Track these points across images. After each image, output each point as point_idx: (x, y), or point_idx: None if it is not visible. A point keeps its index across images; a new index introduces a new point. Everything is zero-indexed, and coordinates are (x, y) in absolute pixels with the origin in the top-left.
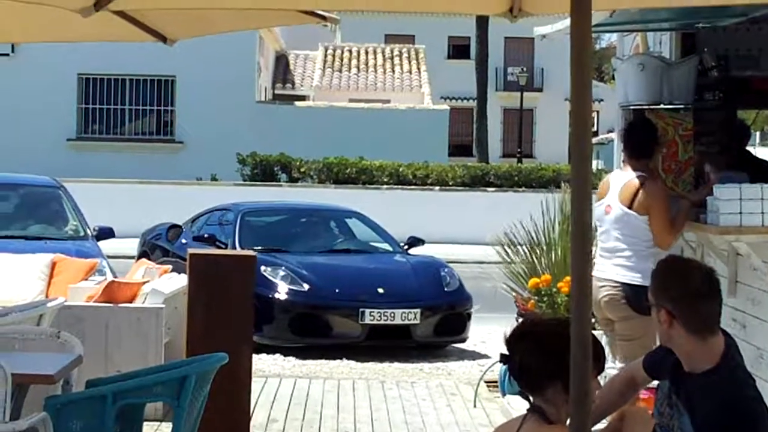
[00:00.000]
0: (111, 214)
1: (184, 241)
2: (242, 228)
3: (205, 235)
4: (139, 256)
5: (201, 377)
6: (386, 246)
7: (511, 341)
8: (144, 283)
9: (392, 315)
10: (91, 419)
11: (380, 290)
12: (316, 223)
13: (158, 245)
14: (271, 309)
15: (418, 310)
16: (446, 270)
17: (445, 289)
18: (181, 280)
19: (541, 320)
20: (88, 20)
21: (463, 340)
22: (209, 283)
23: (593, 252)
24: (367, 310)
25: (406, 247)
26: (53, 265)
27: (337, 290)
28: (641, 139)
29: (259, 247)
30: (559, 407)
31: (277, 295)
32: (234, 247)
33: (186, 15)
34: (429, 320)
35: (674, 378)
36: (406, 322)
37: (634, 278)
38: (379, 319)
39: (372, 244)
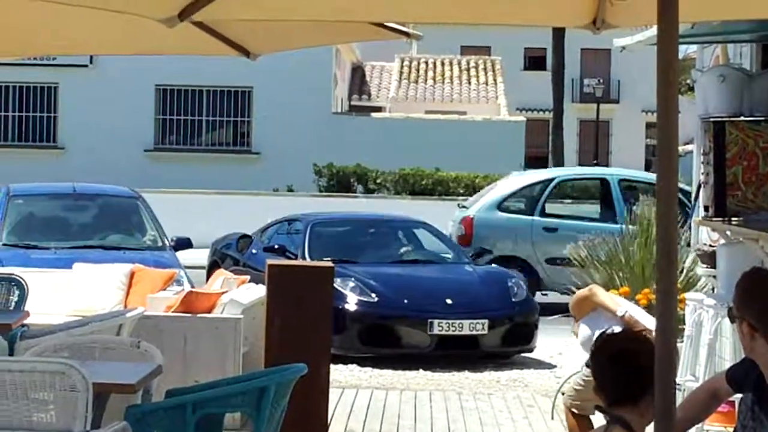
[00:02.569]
0: (188, 225)
1: (254, 251)
2: (311, 238)
3: (275, 246)
4: (210, 266)
5: (281, 388)
6: (453, 256)
7: (619, 353)
8: (222, 293)
9: (460, 326)
10: (171, 429)
11: (448, 301)
12: (384, 233)
13: (229, 255)
14: (341, 319)
15: (486, 321)
16: (513, 280)
17: (513, 299)
18: (258, 291)
19: (636, 332)
20: (172, 33)
21: (531, 350)
22: (288, 293)
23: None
24: (436, 321)
25: (473, 257)
26: (132, 275)
27: (405, 301)
28: None
29: (328, 258)
30: (646, 417)
31: (347, 306)
32: (303, 258)
33: (268, 30)
34: (497, 330)
35: (758, 390)
36: (474, 332)
37: None
38: (447, 329)
39: (439, 254)
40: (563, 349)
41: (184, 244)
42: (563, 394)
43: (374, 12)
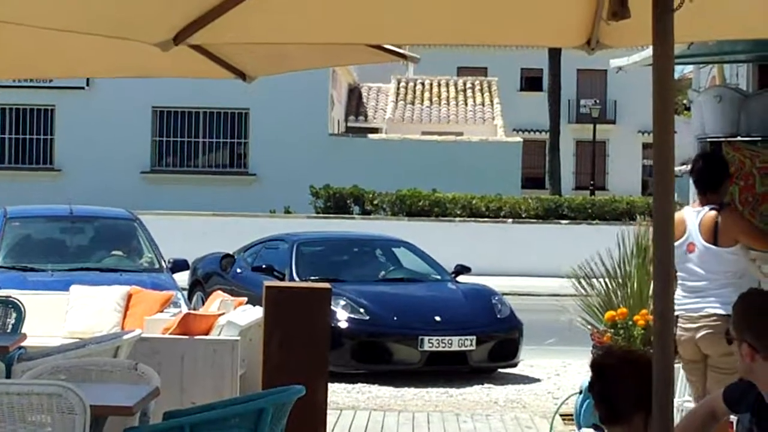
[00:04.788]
0: (185, 247)
1: (239, 270)
2: (298, 258)
3: (263, 266)
4: (192, 285)
5: (278, 410)
6: (436, 274)
7: (598, 369)
8: (219, 315)
9: (450, 342)
10: None
11: (437, 318)
12: (368, 252)
13: (212, 274)
14: (334, 337)
15: (474, 337)
16: (497, 297)
17: (498, 316)
18: (256, 313)
19: (623, 349)
20: (167, 56)
21: (515, 365)
22: (285, 315)
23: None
24: (426, 338)
25: (453, 275)
26: (129, 297)
27: (396, 318)
28: (707, 173)
29: (315, 277)
30: None
31: (339, 324)
32: (291, 278)
33: (264, 52)
34: (484, 346)
35: (755, 411)
36: (463, 348)
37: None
38: (437, 346)
39: (423, 272)
40: (561, 370)
41: (181, 265)
42: (562, 416)
43: (371, 34)
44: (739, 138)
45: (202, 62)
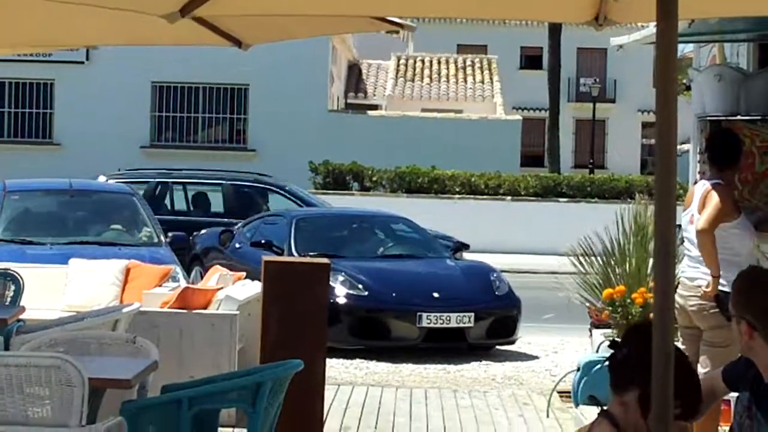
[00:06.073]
0: None
1: (237, 245)
2: (297, 234)
3: (262, 241)
4: (191, 260)
5: (276, 384)
6: (434, 251)
7: (630, 332)
8: (218, 289)
9: (448, 318)
10: (166, 424)
11: (436, 294)
12: (367, 228)
13: (210, 249)
14: (332, 313)
15: (472, 314)
16: (495, 275)
17: (496, 293)
18: (254, 287)
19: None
20: (164, 23)
21: (513, 342)
22: (284, 290)
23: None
24: (425, 314)
25: (452, 252)
26: (127, 271)
27: (394, 294)
28: (724, 148)
29: (314, 253)
30: (631, 414)
31: (337, 300)
32: (290, 253)
33: (261, 20)
34: (482, 323)
35: (754, 390)
36: (461, 325)
37: (724, 286)
38: (435, 322)
39: (421, 249)
40: (559, 348)
41: (180, 240)
42: (559, 393)
43: (373, 7)
44: (739, 117)
45: (199, 30)
